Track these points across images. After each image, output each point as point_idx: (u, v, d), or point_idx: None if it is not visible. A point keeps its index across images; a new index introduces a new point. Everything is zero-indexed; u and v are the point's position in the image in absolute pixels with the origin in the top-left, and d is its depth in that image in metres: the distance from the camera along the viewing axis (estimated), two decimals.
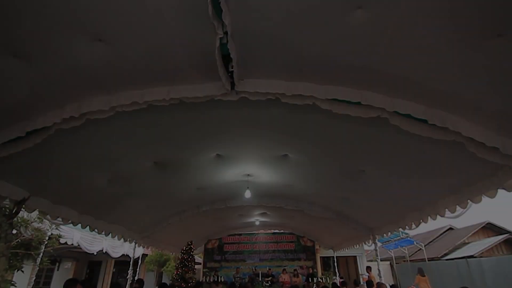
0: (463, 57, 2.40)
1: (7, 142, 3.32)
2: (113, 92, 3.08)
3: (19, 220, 7.67)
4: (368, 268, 10.44)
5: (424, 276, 10.12)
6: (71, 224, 6.10)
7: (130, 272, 8.66)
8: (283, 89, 2.97)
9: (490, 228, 17.33)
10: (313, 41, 2.51)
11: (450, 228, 20.15)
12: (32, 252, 8.55)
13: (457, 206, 4.51)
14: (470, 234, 17.17)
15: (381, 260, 8.32)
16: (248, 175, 6.05)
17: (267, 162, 5.38)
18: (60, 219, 5.48)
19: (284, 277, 11.54)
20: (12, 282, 9.68)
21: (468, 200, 4.24)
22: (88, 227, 6.22)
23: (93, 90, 3.06)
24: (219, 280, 12.06)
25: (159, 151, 4.63)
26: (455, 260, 14.14)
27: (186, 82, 3.01)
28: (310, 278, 11.50)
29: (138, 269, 9.25)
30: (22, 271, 9.15)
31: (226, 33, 2.33)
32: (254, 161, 5.41)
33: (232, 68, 2.78)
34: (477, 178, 3.97)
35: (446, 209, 4.73)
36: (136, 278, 8.71)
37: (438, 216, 5.06)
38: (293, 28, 2.41)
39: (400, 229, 6.72)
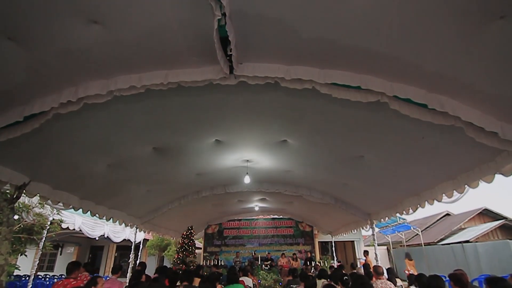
0: (464, 40, 2.36)
1: (5, 127, 3.31)
2: (110, 76, 3.05)
3: (21, 206, 7.76)
4: (365, 252, 10.66)
5: (411, 260, 10.55)
6: (72, 209, 6.17)
7: (131, 256, 8.83)
8: (282, 73, 2.94)
9: (486, 214, 17.53)
10: (313, 23, 2.46)
11: (447, 214, 20.40)
12: (35, 237, 8.69)
13: (454, 191, 4.55)
14: (466, 220, 17.39)
15: (378, 245, 8.46)
16: (247, 160, 6.07)
17: (266, 148, 5.39)
18: (61, 204, 5.55)
19: (283, 261, 11.75)
20: (16, 266, 9.91)
21: (465, 185, 4.27)
22: (89, 212, 6.29)
23: (90, 74, 3.03)
24: (219, 264, 12.30)
25: (158, 136, 4.63)
26: (451, 244, 14.39)
27: (184, 66, 2.97)
28: (308, 262, 11.74)
29: (139, 254, 9.43)
30: (26, 255, 9.34)
31: (224, 14, 2.28)
32: (253, 147, 5.41)
33: (230, 51, 2.74)
34: (475, 163, 3.99)
35: (443, 194, 4.77)
36: (138, 262, 8.90)
37: (435, 201, 5.11)
38: (292, 9, 2.36)
39: (398, 214, 6.80)
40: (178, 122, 4.30)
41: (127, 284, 5.75)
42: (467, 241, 13.85)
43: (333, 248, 13.48)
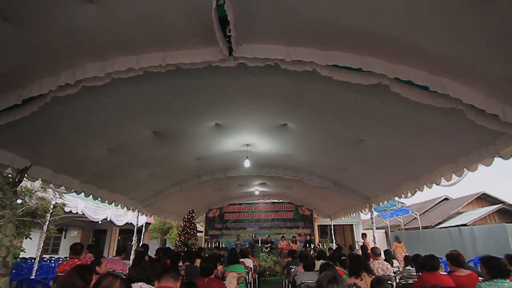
0: (467, 20, 2.30)
1: (4, 111, 3.30)
2: (107, 57, 3.00)
3: (23, 190, 7.84)
4: (363, 235, 10.87)
5: (400, 242, 10.90)
6: (75, 193, 6.25)
7: (134, 239, 9.01)
8: (282, 54, 2.90)
9: (484, 199, 17.70)
10: (313, 3, 2.40)
11: (446, 199, 20.61)
12: (39, 220, 8.84)
13: (453, 174, 4.58)
14: (464, 204, 17.58)
15: (376, 229, 8.62)
16: (247, 144, 6.08)
17: (266, 132, 5.39)
18: (63, 188, 5.60)
19: (283, 244, 11.98)
20: (22, 249, 10.13)
21: (464, 168, 4.29)
22: (91, 196, 6.37)
23: (87, 56, 2.99)
24: (221, 246, 12.55)
25: (158, 120, 4.61)
26: (448, 228, 14.62)
27: (183, 47, 2.92)
28: (307, 244, 11.99)
29: (142, 237, 9.61)
30: (30, 238, 9.53)
31: None
32: (253, 131, 5.40)
33: (229, 32, 2.69)
34: (475, 147, 3.99)
35: (442, 177, 4.80)
36: (140, 244, 9.09)
37: (433, 184, 5.15)
38: None
39: (396, 198, 6.87)
40: (178, 106, 4.28)
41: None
42: (464, 225, 14.05)
43: (332, 232, 13.72)
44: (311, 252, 10.01)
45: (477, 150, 3.99)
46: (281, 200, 14.83)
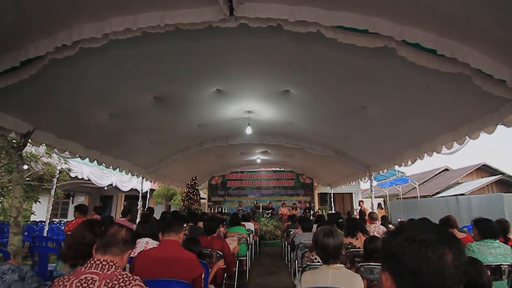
0: None
1: (3, 73, 3.26)
2: (104, 17, 2.90)
3: (28, 155, 7.99)
4: (361, 202, 11.19)
5: (382, 209, 11.29)
6: (79, 159, 6.36)
7: (139, 203, 9.31)
8: (285, 14, 2.78)
9: (484, 170, 17.86)
10: None
11: (446, 169, 20.81)
12: (46, 185, 9.10)
13: (454, 142, 4.58)
14: (464, 175, 17.79)
15: (375, 197, 8.84)
16: (249, 111, 6.04)
17: (268, 98, 5.32)
18: (68, 153, 5.69)
19: (283, 210, 12.35)
20: (32, 212, 10.54)
21: (466, 136, 4.28)
22: (95, 161, 6.48)
23: (82, 16, 2.89)
24: (223, 212, 12.98)
25: (158, 84, 4.55)
26: (446, 197, 14.91)
27: (181, 6, 2.81)
28: (307, 210, 12.37)
29: (147, 202, 9.90)
30: (39, 202, 9.89)
31: None
32: (254, 97, 5.34)
33: None
34: (478, 114, 3.95)
35: (443, 146, 4.81)
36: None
37: (434, 153, 5.17)
38: None
39: (396, 166, 6.95)
40: (178, 69, 4.19)
41: None
42: (462, 195, 14.31)
43: (332, 200, 14.08)
44: (311, 218, 10.35)
45: (480, 117, 3.95)
46: (282, 169, 15.06)
